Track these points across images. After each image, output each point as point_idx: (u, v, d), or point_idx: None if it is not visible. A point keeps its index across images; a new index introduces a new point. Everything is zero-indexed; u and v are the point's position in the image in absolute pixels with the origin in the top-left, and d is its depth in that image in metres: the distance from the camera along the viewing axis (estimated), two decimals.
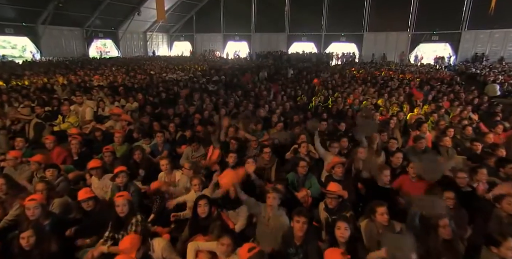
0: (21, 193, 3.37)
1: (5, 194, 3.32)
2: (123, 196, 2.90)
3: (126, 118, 5.84)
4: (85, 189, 3.21)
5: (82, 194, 3.07)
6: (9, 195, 3.33)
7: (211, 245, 2.52)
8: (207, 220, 2.85)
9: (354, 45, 28.13)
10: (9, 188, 3.33)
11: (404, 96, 8.57)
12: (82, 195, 3.06)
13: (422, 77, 14.00)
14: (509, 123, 6.19)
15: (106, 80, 11.94)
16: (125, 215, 2.85)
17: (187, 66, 18.95)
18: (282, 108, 7.13)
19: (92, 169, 3.76)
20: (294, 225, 2.55)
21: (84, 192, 3.09)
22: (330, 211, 3.00)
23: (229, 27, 31.56)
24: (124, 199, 2.87)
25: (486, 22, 22.82)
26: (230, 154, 4.01)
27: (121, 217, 2.86)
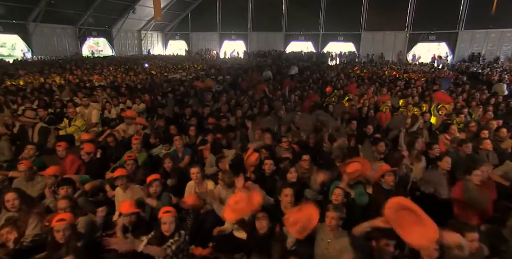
0: (35, 208, 2.99)
1: (17, 210, 2.92)
2: (170, 212, 2.55)
3: (141, 121, 5.44)
4: (130, 202, 2.84)
5: (126, 207, 2.71)
6: (22, 211, 2.93)
7: None
8: (267, 238, 2.52)
9: (351, 45, 28.06)
10: (22, 203, 2.94)
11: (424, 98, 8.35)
12: (127, 209, 2.70)
13: (427, 76, 13.90)
14: None
15: (106, 80, 11.46)
16: (171, 233, 2.50)
17: (186, 65, 18.51)
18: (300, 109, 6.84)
19: (117, 179, 3.38)
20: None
21: (129, 206, 2.73)
22: None
23: (226, 26, 31.10)
24: (172, 216, 2.53)
25: (482, 22, 23.05)
26: (266, 161, 3.67)
27: (166, 236, 2.51)
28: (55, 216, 2.78)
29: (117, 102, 7.48)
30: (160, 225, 2.53)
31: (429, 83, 12.10)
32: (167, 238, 2.51)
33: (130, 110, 5.86)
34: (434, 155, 4.37)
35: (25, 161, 3.71)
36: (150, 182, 3.25)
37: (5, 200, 2.85)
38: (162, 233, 2.53)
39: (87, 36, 26.34)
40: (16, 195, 2.90)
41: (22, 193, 3.04)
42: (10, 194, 2.88)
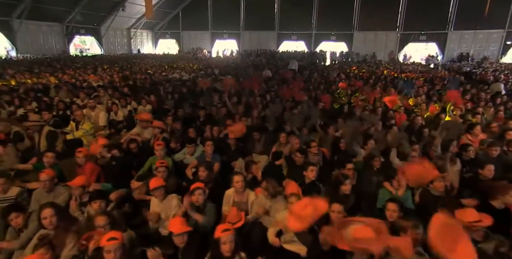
0: (72, 225, 2.70)
1: (54, 228, 2.63)
2: (230, 230, 2.32)
3: (158, 124, 5.14)
4: (180, 219, 2.58)
5: (177, 226, 2.45)
6: (59, 230, 2.63)
7: None
8: (330, 255, 2.34)
9: (344, 44, 28.23)
10: (60, 220, 2.65)
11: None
12: (178, 228, 2.44)
13: (425, 76, 14.05)
14: None
15: (103, 80, 10.98)
16: (232, 254, 2.28)
17: (181, 64, 18.09)
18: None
19: (155, 190, 3.11)
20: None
21: (180, 224, 2.47)
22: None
23: (217, 24, 30.71)
24: (232, 235, 2.31)
25: (470, 23, 23.63)
26: (310, 167, 3.48)
27: (225, 257, 2.28)
28: (93, 234, 2.52)
29: (124, 103, 7.13)
30: (219, 245, 2.30)
31: (427, 82, 12.25)
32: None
33: (145, 112, 5.54)
34: (469, 157, 4.31)
35: (47, 170, 3.38)
36: (192, 190, 3.00)
37: (41, 217, 2.56)
38: (220, 254, 2.30)
39: (74, 34, 25.43)
40: (54, 211, 2.61)
41: (59, 208, 2.75)
42: (47, 210, 2.59)
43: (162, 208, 3.16)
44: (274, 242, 2.88)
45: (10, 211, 2.74)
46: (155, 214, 3.07)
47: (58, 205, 2.82)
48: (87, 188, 3.27)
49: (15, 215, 2.72)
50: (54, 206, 2.68)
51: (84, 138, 5.73)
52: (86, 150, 4.06)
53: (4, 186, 3.22)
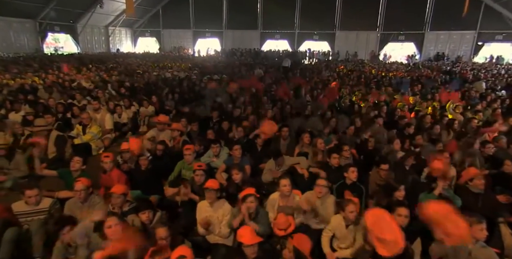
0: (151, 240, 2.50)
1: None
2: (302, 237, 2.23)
3: (178, 127, 4.94)
4: (250, 229, 2.45)
5: (248, 237, 2.33)
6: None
7: None
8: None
9: (326, 43, 28.70)
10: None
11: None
12: (250, 239, 2.32)
13: (411, 75, 14.56)
14: None
15: (91, 80, 10.44)
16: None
17: (167, 64, 17.62)
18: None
19: (208, 191, 2.97)
20: None
21: (251, 234, 2.35)
22: None
23: (200, 23, 30.19)
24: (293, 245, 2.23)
25: (445, 24, 24.78)
26: (351, 168, 3.47)
27: None
28: (158, 249, 2.36)
29: (128, 104, 6.81)
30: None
31: (414, 81, 12.68)
32: None
33: (162, 115, 5.30)
34: (487, 153, 4.49)
35: (82, 178, 3.13)
36: (244, 197, 2.89)
37: (105, 226, 2.37)
38: None
39: (48, 32, 24.04)
40: (118, 220, 2.42)
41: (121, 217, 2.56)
42: (111, 218, 2.41)
43: (211, 213, 3.02)
44: (328, 256, 2.84)
45: (63, 224, 2.52)
46: (207, 221, 2.93)
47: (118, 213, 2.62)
48: (127, 197, 3.07)
49: (68, 230, 2.50)
50: (116, 214, 2.49)
51: (92, 142, 5.43)
52: (113, 155, 3.81)
53: (37, 197, 2.96)
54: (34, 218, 2.97)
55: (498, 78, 13.83)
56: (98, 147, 5.54)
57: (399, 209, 2.68)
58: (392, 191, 3.19)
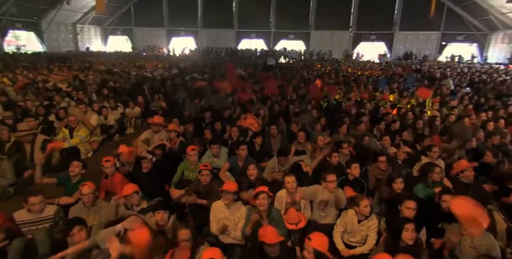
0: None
1: None
2: (312, 241, 2.30)
3: (174, 128, 4.85)
4: (272, 229, 2.43)
5: (271, 236, 2.34)
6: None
7: None
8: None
9: (302, 43, 29.21)
10: None
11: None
12: (272, 238, 2.33)
13: (385, 73, 15.22)
14: None
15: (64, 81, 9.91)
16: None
17: (144, 63, 17.12)
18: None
19: (226, 193, 2.97)
20: None
21: (273, 234, 2.36)
22: None
23: (174, 21, 29.55)
24: (314, 247, 2.28)
25: (413, 24, 26.08)
26: (353, 164, 3.61)
27: None
28: (180, 251, 2.35)
29: (114, 106, 6.58)
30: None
31: (388, 79, 13.27)
32: None
33: (156, 116, 5.17)
34: (471, 146, 4.84)
35: (89, 182, 3.01)
36: (257, 194, 2.93)
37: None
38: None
39: (8, 29, 22.43)
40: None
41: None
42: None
43: (228, 215, 3.03)
44: (344, 253, 2.95)
45: (72, 224, 2.44)
46: (224, 226, 2.94)
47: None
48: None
49: (78, 229, 2.42)
50: (139, 217, 2.44)
51: (81, 145, 5.22)
52: (114, 159, 3.69)
53: (41, 204, 2.81)
54: (38, 227, 2.83)
55: (463, 76, 14.82)
56: (87, 150, 5.33)
57: (407, 202, 2.85)
58: (391, 182, 3.37)
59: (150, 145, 4.95)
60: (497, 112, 7.16)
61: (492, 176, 4.08)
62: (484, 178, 4.10)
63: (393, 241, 2.52)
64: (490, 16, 23.00)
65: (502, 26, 23.01)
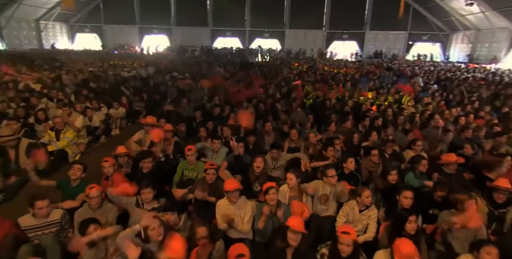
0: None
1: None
2: (350, 234, 2.44)
3: (170, 128, 4.82)
4: (298, 219, 2.57)
5: (297, 223, 2.49)
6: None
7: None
8: None
9: (277, 41, 29.55)
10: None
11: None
12: (297, 226, 2.48)
13: (360, 71, 15.82)
14: None
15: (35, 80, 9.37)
16: (351, 255, 2.42)
17: (118, 62, 16.57)
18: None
19: (233, 192, 3.04)
20: None
21: (298, 223, 2.50)
22: (497, 205, 3.24)
23: (146, 19, 28.75)
24: (352, 240, 2.43)
25: (382, 24, 27.28)
26: (349, 158, 3.81)
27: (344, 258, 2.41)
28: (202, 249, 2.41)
29: (97, 106, 6.39)
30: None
31: (362, 77, 13.83)
32: None
33: (149, 116, 5.07)
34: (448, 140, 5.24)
35: (96, 185, 2.96)
36: (266, 190, 3.03)
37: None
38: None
39: None
40: (160, 221, 2.40)
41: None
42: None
43: (233, 211, 3.11)
44: None
45: (88, 223, 2.46)
46: (230, 219, 3.02)
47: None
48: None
49: (94, 227, 2.41)
50: (157, 216, 2.46)
51: (68, 148, 5.05)
52: (113, 160, 3.63)
53: (48, 209, 2.74)
54: (44, 232, 2.75)
55: (430, 74, 15.76)
56: (74, 153, 5.15)
57: (405, 192, 3.10)
58: (386, 175, 3.62)
59: (143, 146, 4.93)
60: (465, 108, 7.79)
61: (468, 166, 4.47)
62: (462, 168, 4.49)
63: (396, 231, 2.73)
64: (452, 18, 24.58)
65: (462, 27, 24.69)
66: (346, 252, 2.45)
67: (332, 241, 2.57)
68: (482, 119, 6.72)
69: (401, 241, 2.37)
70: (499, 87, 11.37)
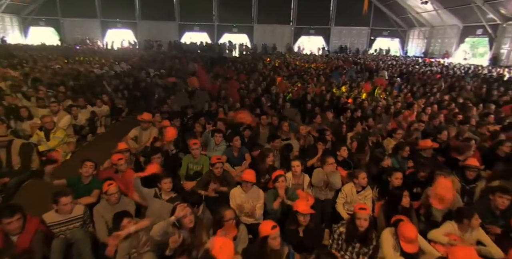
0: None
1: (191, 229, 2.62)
2: (366, 210, 2.75)
3: (167, 124, 4.89)
4: (305, 201, 2.86)
5: (304, 207, 2.78)
6: (197, 229, 2.67)
7: None
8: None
9: (245, 36, 29.68)
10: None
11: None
12: (305, 208, 2.78)
13: (330, 66, 16.53)
14: None
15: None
16: (367, 229, 2.74)
17: (86, 58, 15.80)
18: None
19: (244, 183, 3.27)
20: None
21: (306, 205, 2.80)
22: (468, 181, 3.82)
23: (108, 12, 27.42)
24: (368, 214, 2.74)
25: (346, 20, 28.50)
26: (343, 147, 4.22)
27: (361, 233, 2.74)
28: (225, 229, 2.65)
29: (83, 104, 6.24)
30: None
31: (332, 71, 14.52)
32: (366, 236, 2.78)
33: (145, 113, 5.06)
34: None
35: (114, 181, 3.04)
36: (276, 178, 3.31)
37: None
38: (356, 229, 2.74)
39: None
40: (191, 210, 2.59)
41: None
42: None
43: (245, 199, 3.35)
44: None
45: (121, 217, 2.55)
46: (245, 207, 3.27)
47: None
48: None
49: (127, 221, 2.53)
50: (188, 204, 2.63)
51: (59, 147, 4.96)
52: (125, 155, 3.70)
53: (71, 204, 2.80)
54: (69, 227, 2.81)
55: (393, 68, 16.90)
56: (65, 152, 5.06)
57: (396, 174, 3.56)
58: (379, 162, 4.07)
59: (139, 142, 4.99)
60: (429, 99, 8.61)
61: (440, 150, 5.09)
62: (434, 152, 5.10)
63: (392, 206, 3.16)
64: (409, 15, 26.34)
65: (418, 23, 26.56)
66: (363, 226, 2.73)
67: (348, 219, 2.90)
68: (445, 109, 7.53)
69: (404, 225, 2.66)
70: (453, 79, 12.58)
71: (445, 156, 4.94)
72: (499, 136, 5.03)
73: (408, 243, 2.54)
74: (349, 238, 2.81)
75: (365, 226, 2.71)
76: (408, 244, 2.54)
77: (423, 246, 2.69)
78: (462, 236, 2.88)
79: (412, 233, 2.54)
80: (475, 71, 15.91)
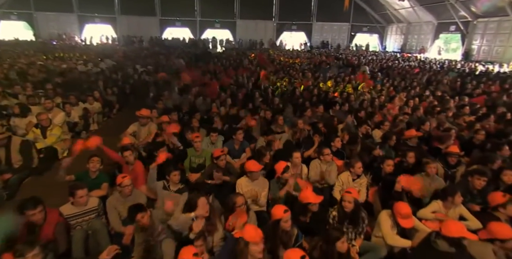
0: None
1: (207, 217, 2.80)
2: (351, 193, 3.01)
3: (167, 119, 4.99)
4: (310, 191, 3.10)
5: (313, 198, 3.06)
6: (212, 217, 2.85)
7: None
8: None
9: (228, 32, 29.58)
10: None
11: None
12: (314, 199, 3.05)
13: (314, 61, 16.89)
14: None
15: None
16: (353, 210, 3.00)
17: (65, 54, 15.35)
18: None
19: (251, 173, 3.47)
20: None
21: (314, 196, 3.06)
22: (450, 166, 4.18)
23: (86, 6, 26.48)
24: (352, 197, 2.99)
25: (327, 16, 29.01)
26: (337, 138, 4.49)
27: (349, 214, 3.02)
28: (235, 215, 2.85)
29: (75, 101, 6.20)
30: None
31: (316, 66, 14.90)
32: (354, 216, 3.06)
33: (144, 109, 5.10)
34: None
35: (127, 175, 3.16)
36: (284, 169, 3.52)
37: (199, 205, 2.72)
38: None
39: None
40: (206, 200, 2.77)
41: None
42: (202, 199, 2.74)
43: (252, 188, 3.56)
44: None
45: (136, 211, 2.64)
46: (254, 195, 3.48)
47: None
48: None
49: (141, 215, 2.64)
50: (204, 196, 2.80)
51: (57, 144, 4.97)
52: (130, 149, 3.80)
53: (87, 197, 2.90)
54: (84, 219, 2.92)
55: (374, 63, 17.49)
56: (63, 149, 5.07)
57: (388, 161, 3.88)
58: (371, 151, 4.38)
59: (138, 138, 5.07)
60: (410, 92, 9.09)
61: (423, 138, 5.48)
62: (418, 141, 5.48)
63: (386, 191, 3.47)
64: (387, 11, 27.14)
65: (396, 20, 27.45)
66: (349, 207, 3.02)
67: (338, 203, 3.17)
68: (425, 102, 8.01)
69: (399, 204, 2.97)
70: (431, 73, 13.24)
71: (428, 145, 5.35)
72: (475, 126, 5.50)
73: (404, 219, 2.84)
74: (340, 219, 3.09)
75: (350, 207, 2.99)
76: (405, 219, 2.84)
77: (415, 224, 3.00)
78: (446, 213, 3.22)
79: (407, 209, 2.85)
80: (449, 66, 16.74)
